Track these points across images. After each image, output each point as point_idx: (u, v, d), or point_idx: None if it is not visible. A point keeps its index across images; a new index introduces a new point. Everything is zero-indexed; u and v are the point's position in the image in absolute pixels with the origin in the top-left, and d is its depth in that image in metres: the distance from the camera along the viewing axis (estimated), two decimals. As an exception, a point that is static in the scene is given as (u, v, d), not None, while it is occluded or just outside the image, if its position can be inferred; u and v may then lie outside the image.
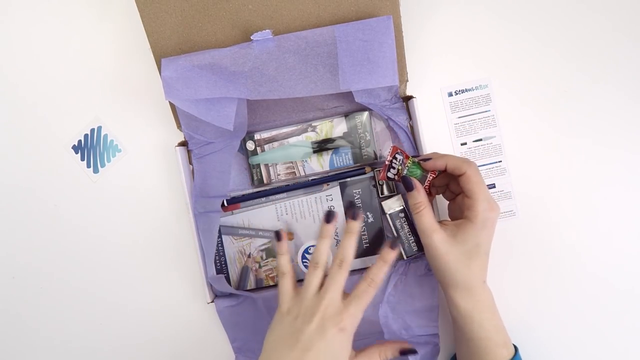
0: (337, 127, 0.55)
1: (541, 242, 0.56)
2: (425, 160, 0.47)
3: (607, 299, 0.55)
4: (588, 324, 0.55)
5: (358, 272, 0.55)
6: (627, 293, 0.55)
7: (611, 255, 0.55)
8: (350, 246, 0.45)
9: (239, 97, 0.49)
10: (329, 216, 0.46)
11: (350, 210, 0.46)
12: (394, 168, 0.49)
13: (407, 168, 0.48)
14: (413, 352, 0.46)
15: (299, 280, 0.56)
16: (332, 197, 0.55)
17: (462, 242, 0.43)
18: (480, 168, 0.56)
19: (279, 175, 0.56)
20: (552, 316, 0.56)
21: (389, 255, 0.44)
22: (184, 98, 0.49)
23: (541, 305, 0.56)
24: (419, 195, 0.45)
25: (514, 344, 0.47)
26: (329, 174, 0.56)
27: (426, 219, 0.44)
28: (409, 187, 0.46)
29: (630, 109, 0.56)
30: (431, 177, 0.49)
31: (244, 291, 0.55)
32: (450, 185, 0.48)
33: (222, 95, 0.49)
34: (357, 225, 0.46)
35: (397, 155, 0.48)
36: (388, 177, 0.49)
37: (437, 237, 0.44)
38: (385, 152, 0.56)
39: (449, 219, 0.50)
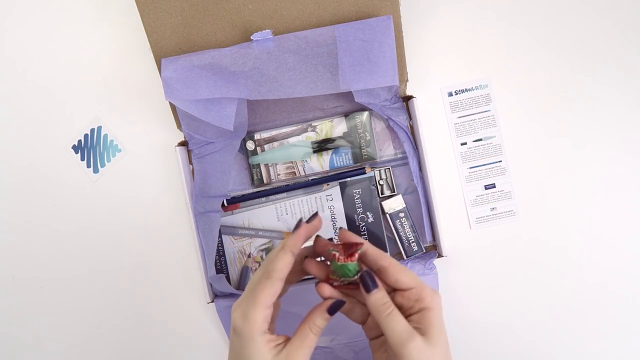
0: (337, 127, 0.55)
1: (541, 241, 0.56)
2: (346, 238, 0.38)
3: (607, 298, 0.55)
4: (588, 324, 0.55)
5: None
6: (628, 293, 0.55)
7: (611, 255, 0.55)
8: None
9: (239, 97, 0.49)
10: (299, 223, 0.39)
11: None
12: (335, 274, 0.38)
13: (342, 266, 0.37)
14: (340, 304, 0.37)
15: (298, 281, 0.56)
16: (332, 197, 0.55)
17: (438, 339, 0.35)
18: (480, 168, 0.56)
19: (279, 175, 0.56)
20: (552, 316, 0.56)
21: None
22: (184, 98, 0.49)
23: (541, 305, 0.56)
24: (384, 294, 0.36)
25: None
26: (329, 174, 0.56)
27: (401, 321, 0.35)
28: (372, 287, 0.36)
29: (630, 109, 0.56)
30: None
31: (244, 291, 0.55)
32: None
33: (222, 95, 0.49)
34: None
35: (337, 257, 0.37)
36: (338, 286, 0.38)
37: (418, 343, 0.34)
38: (386, 152, 0.56)
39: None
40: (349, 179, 0.55)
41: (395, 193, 0.55)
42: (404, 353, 0.34)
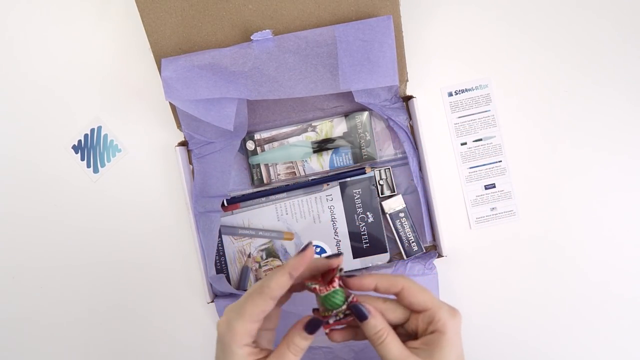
0: (337, 127, 0.55)
1: (541, 241, 0.56)
2: (349, 276, 0.37)
3: (607, 298, 0.55)
4: (589, 324, 0.55)
5: (357, 272, 0.55)
6: (628, 293, 0.55)
7: (612, 255, 0.55)
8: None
9: (239, 97, 0.49)
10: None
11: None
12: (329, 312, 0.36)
13: (326, 297, 0.35)
14: (317, 322, 0.35)
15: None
16: (332, 197, 0.55)
17: (443, 358, 0.34)
18: (480, 168, 0.56)
19: (279, 175, 0.56)
20: (553, 316, 0.56)
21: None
22: (184, 98, 0.49)
23: (541, 305, 0.56)
24: (377, 321, 0.35)
25: None
26: (329, 174, 0.56)
27: (394, 348, 0.34)
28: (363, 317, 0.35)
29: (630, 109, 0.56)
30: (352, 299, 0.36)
31: (244, 291, 0.55)
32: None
33: (222, 95, 0.49)
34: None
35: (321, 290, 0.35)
36: (338, 322, 0.36)
37: None
38: (386, 152, 0.56)
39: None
40: (349, 179, 0.55)
41: (395, 193, 0.55)
42: None
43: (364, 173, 0.55)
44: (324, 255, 0.37)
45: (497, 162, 0.56)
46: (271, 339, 0.39)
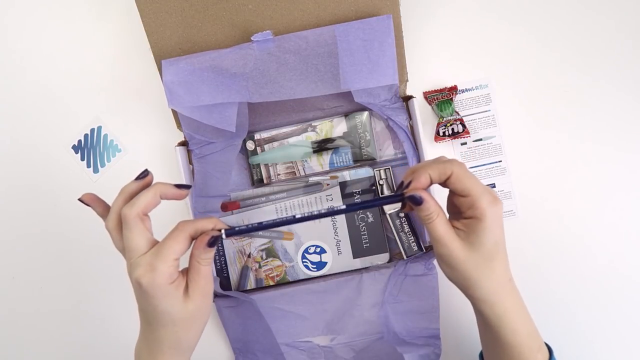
0: (337, 127, 0.55)
1: (541, 241, 0.56)
2: (405, 186, 0.39)
3: (608, 298, 0.55)
4: (589, 324, 0.55)
5: (357, 272, 0.55)
6: (628, 293, 0.55)
7: (612, 255, 0.55)
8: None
9: (240, 100, 0.50)
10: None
11: None
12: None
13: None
14: (217, 238, 0.39)
15: (298, 281, 0.56)
16: (332, 197, 0.55)
17: (480, 245, 0.38)
18: (480, 168, 0.56)
19: (279, 175, 0.56)
20: (553, 316, 0.56)
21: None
22: (186, 105, 0.49)
23: (542, 306, 0.56)
24: (430, 205, 0.38)
25: (546, 343, 0.43)
26: (329, 173, 0.56)
27: (440, 227, 0.38)
28: (417, 202, 0.38)
29: (630, 109, 0.56)
30: None
31: (241, 292, 0.55)
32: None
33: (224, 100, 0.49)
34: None
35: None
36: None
37: (454, 246, 0.38)
38: (386, 152, 0.56)
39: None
40: (349, 179, 0.55)
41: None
42: (443, 251, 0.39)
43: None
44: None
45: (497, 162, 0.56)
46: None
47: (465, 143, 0.57)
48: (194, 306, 0.38)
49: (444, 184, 0.39)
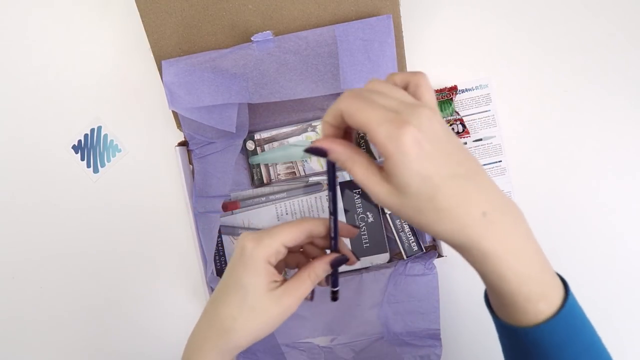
0: (337, 127, 0.55)
1: (541, 241, 0.56)
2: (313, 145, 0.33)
3: (610, 299, 0.55)
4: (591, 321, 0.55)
5: (357, 272, 0.55)
6: (628, 292, 0.55)
7: (612, 255, 0.55)
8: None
9: (241, 101, 0.50)
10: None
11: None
12: None
13: None
14: (343, 260, 0.38)
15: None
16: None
17: (405, 187, 0.29)
18: (480, 168, 0.56)
19: (279, 175, 0.56)
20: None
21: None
22: (187, 106, 0.49)
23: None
24: (337, 152, 0.32)
25: (563, 281, 0.34)
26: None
27: (358, 172, 0.31)
28: (320, 154, 0.32)
29: (630, 109, 0.56)
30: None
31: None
32: None
33: (224, 101, 0.49)
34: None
35: None
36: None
37: (380, 193, 0.31)
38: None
39: None
40: (349, 179, 0.55)
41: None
42: (376, 201, 0.32)
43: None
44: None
45: (497, 162, 0.56)
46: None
47: (465, 143, 0.57)
48: (269, 303, 0.36)
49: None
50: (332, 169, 0.35)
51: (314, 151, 0.32)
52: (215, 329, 0.37)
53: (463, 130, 0.54)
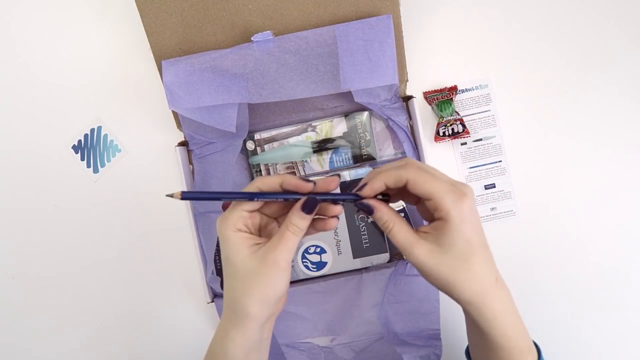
0: (337, 127, 0.55)
1: (541, 241, 0.56)
2: (359, 188, 0.38)
3: (608, 298, 0.55)
4: (589, 324, 0.55)
5: (357, 272, 0.55)
6: (629, 293, 0.55)
7: (612, 255, 0.55)
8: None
9: (241, 101, 0.50)
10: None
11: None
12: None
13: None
14: (314, 201, 0.37)
15: (298, 281, 0.56)
16: (332, 197, 0.55)
17: (450, 246, 0.36)
18: (480, 168, 0.56)
19: (279, 175, 0.56)
20: (553, 316, 0.56)
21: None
22: (187, 106, 0.49)
23: (542, 305, 0.56)
24: (382, 213, 0.37)
25: (534, 342, 0.42)
26: (329, 173, 0.56)
27: (400, 235, 0.37)
28: (368, 211, 0.38)
29: (631, 109, 0.56)
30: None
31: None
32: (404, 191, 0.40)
33: (224, 101, 0.49)
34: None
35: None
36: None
37: (419, 251, 0.36)
38: (385, 152, 0.56)
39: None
40: (349, 179, 0.55)
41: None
42: (410, 260, 0.37)
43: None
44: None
45: (497, 162, 0.56)
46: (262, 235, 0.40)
47: (465, 143, 0.57)
48: (256, 264, 0.36)
49: (405, 190, 0.37)
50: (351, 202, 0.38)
51: (362, 206, 0.38)
52: (232, 312, 0.38)
53: (463, 130, 0.54)
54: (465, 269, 0.36)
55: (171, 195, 0.36)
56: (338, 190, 0.55)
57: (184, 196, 0.36)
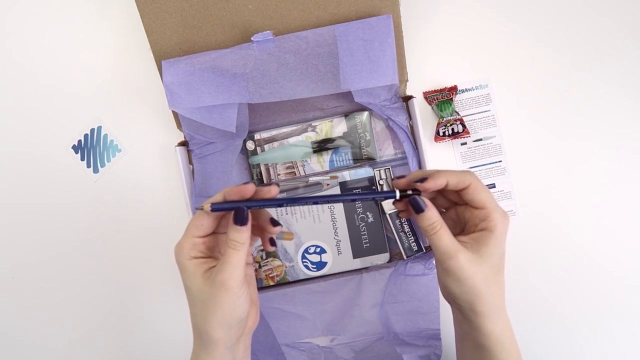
0: (337, 127, 0.55)
1: (541, 242, 0.56)
2: (421, 180, 0.38)
3: (607, 298, 0.55)
4: (588, 324, 0.55)
5: (357, 272, 0.55)
6: (629, 293, 0.55)
7: (612, 255, 0.55)
8: None
9: (241, 101, 0.50)
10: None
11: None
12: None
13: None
14: (241, 212, 0.37)
15: (298, 281, 0.56)
16: (332, 197, 0.55)
17: (489, 257, 0.37)
18: (480, 168, 0.56)
19: (279, 175, 0.56)
20: (553, 316, 0.56)
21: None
22: (187, 106, 0.49)
23: (541, 305, 0.56)
24: (432, 214, 0.37)
25: None
26: (329, 173, 0.56)
27: (446, 238, 0.37)
28: (419, 209, 0.38)
29: (631, 108, 0.56)
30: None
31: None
32: (445, 197, 0.42)
33: (224, 101, 0.49)
34: None
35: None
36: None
37: (463, 258, 0.36)
38: (385, 152, 0.56)
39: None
40: (349, 179, 0.55)
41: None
42: (450, 264, 0.37)
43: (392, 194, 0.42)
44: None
45: (497, 162, 0.56)
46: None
47: (465, 143, 0.57)
48: (208, 289, 0.36)
49: (456, 194, 0.39)
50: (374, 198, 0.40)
51: (415, 202, 0.38)
52: (199, 338, 0.39)
53: (463, 130, 0.54)
54: (495, 280, 0.38)
55: (201, 208, 0.37)
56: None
57: (214, 208, 0.36)
